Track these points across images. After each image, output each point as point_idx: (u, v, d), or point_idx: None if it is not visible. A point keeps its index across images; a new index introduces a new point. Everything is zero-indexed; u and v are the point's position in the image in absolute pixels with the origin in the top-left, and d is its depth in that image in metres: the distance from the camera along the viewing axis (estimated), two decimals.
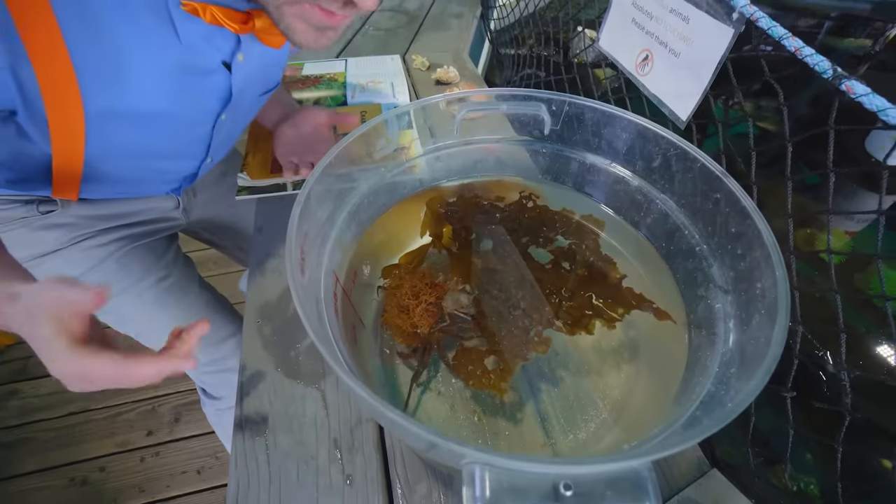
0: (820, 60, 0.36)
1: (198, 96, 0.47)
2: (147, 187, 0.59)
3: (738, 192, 0.30)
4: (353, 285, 0.38)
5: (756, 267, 0.28)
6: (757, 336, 0.25)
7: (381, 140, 0.39)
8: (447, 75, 0.85)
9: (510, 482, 0.20)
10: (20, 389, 1.24)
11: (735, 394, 0.23)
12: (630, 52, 0.62)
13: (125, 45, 0.38)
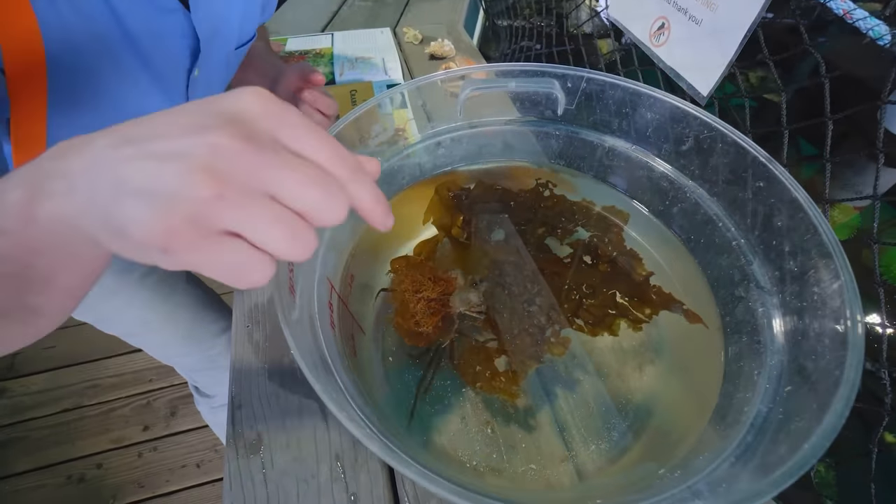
0: (875, 24, 0.32)
1: (162, 45, 0.39)
2: None
3: (788, 181, 0.26)
4: (349, 290, 0.34)
5: (812, 268, 0.24)
6: (817, 350, 0.22)
7: (375, 125, 0.34)
8: (442, 49, 0.79)
9: None
10: (9, 388, 1.20)
11: (800, 420, 0.20)
12: (643, 20, 0.57)
13: None
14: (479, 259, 0.36)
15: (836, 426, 0.17)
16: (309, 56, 0.78)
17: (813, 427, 0.18)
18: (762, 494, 0.16)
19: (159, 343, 0.67)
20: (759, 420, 0.23)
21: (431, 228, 0.38)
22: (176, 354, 0.69)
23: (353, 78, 0.73)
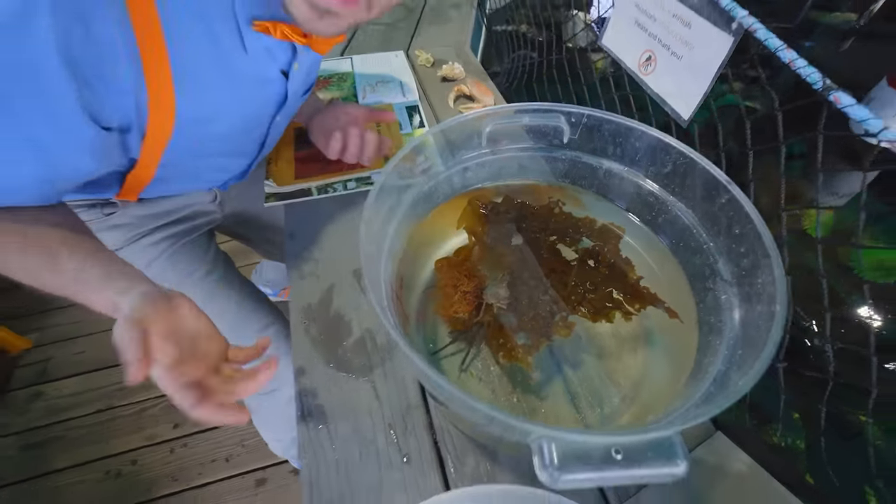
0: (811, 72, 0.41)
1: (260, 102, 0.51)
2: (202, 184, 0.64)
3: (742, 199, 0.35)
4: (401, 290, 0.43)
5: (757, 265, 0.33)
6: (758, 324, 0.31)
7: (419, 157, 0.43)
8: (453, 72, 0.88)
9: (573, 451, 0.25)
10: (43, 391, 1.28)
11: (743, 373, 0.29)
12: (633, 51, 0.66)
13: (208, 62, 0.42)
14: (501, 259, 0.45)
15: (759, 373, 0.26)
16: (333, 80, 0.87)
17: (748, 375, 0.27)
18: (701, 416, 0.25)
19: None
20: (719, 376, 0.32)
21: (463, 234, 0.47)
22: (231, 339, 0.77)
23: (374, 100, 0.82)
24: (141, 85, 0.38)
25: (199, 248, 0.71)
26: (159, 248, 0.66)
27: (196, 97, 0.43)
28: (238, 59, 0.44)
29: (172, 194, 0.64)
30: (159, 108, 0.41)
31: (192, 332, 0.38)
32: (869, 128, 0.38)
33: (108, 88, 0.37)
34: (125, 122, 0.41)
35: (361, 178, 0.69)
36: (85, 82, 0.34)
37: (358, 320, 0.54)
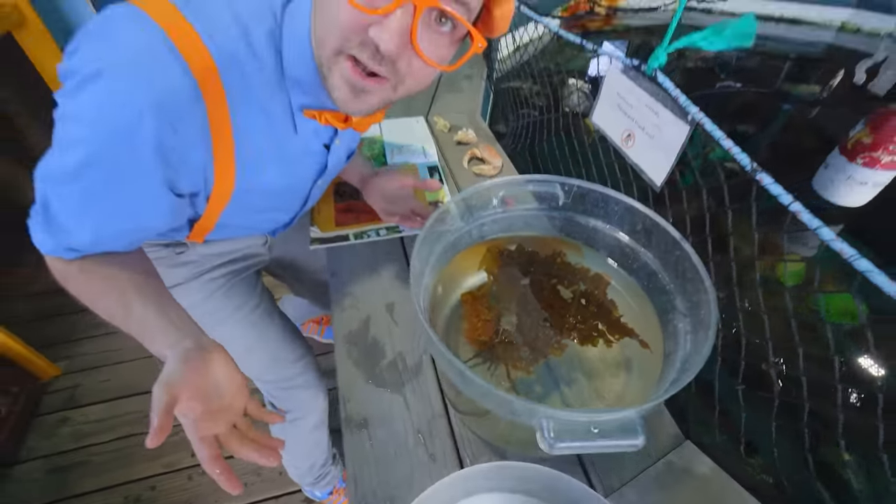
0: (744, 158, 0.56)
1: (304, 171, 0.63)
2: (255, 231, 0.77)
3: (690, 252, 0.49)
4: (433, 314, 0.55)
5: (700, 302, 0.46)
6: (701, 344, 0.43)
7: (448, 216, 0.57)
8: (466, 137, 1.04)
9: (564, 427, 0.37)
10: (70, 417, 1.36)
11: (692, 369, 0.40)
12: (617, 129, 0.82)
13: (266, 143, 0.53)
14: (512, 295, 0.58)
15: (698, 367, 0.38)
16: (365, 142, 1.03)
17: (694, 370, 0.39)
18: (652, 401, 0.37)
19: (252, 364, 0.86)
20: (678, 374, 0.43)
21: (479, 274, 0.60)
22: (262, 374, 0.87)
23: (401, 160, 0.97)
24: (210, 164, 0.47)
25: (249, 284, 0.83)
26: (217, 283, 0.78)
27: (252, 171, 0.52)
28: (289, 139, 0.53)
29: (231, 237, 0.77)
30: (222, 180, 0.51)
31: (220, 386, 0.44)
32: (783, 202, 0.52)
33: (186, 168, 0.46)
34: (195, 190, 0.50)
35: (391, 227, 0.83)
36: (169, 166, 0.43)
37: (391, 345, 0.66)
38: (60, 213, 0.45)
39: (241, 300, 0.79)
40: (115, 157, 0.41)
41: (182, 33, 0.40)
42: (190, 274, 0.75)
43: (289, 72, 0.47)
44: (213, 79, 0.42)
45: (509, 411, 0.40)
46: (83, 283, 0.49)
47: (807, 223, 0.52)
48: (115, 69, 0.38)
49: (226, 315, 0.79)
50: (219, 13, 0.43)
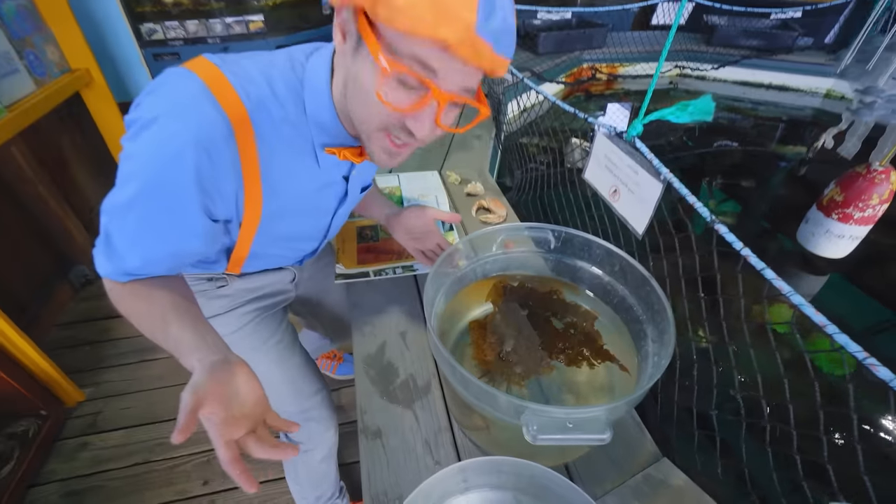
0: (705, 212, 0.68)
1: (327, 201, 0.70)
2: (284, 261, 0.86)
3: (657, 288, 0.59)
4: (442, 338, 0.65)
5: (664, 330, 0.56)
6: (664, 357, 0.53)
7: (458, 254, 0.69)
8: (475, 189, 1.19)
9: (545, 422, 0.46)
10: (90, 442, 1.44)
11: (656, 378, 0.50)
12: (605, 185, 0.96)
13: (290, 175, 0.59)
14: (513, 323, 0.68)
15: (659, 373, 0.48)
16: (385, 192, 1.18)
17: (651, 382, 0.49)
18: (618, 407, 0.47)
19: (273, 394, 0.93)
20: (649, 383, 0.53)
21: (482, 305, 0.71)
22: (282, 405, 0.93)
23: None
24: (241, 192, 0.55)
25: (276, 320, 0.94)
26: (248, 316, 0.88)
27: (278, 198, 0.60)
28: (313, 172, 0.62)
29: (264, 269, 0.89)
30: (251, 207, 0.58)
31: (241, 396, 0.47)
32: (734, 247, 0.63)
33: (220, 196, 0.53)
34: (228, 216, 0.58)
35: (406, 266, 0.96)
36: (206, 194, 0.51)
37: (404, 367, 0.76)
38: (118, 240, 0.54)
39: (269, 333, 0.89)
40: (161, 186, 0.49)
41: (219, 85, 0.49)
42: (226, 306, 0.85)
43: (311, 117, 0.56)
44: (243, 121, 0.51)
45: (501, 409, 0.49)
46: (132, 303, 0.57)
47: (754, 265, 0.63)
48: (166, 115, 0.48)
49: (254, 346, 0.88)
50: (249, 69, 0.53)
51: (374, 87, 0.46)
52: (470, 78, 0.47)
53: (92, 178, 2.15)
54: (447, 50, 0.42)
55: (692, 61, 2.75)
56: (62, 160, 1.98)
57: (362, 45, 0.46)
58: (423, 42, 0.42)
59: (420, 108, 0.47)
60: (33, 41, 1.63)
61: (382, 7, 0.41)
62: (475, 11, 0.41)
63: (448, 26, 0.41)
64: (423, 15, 0.40)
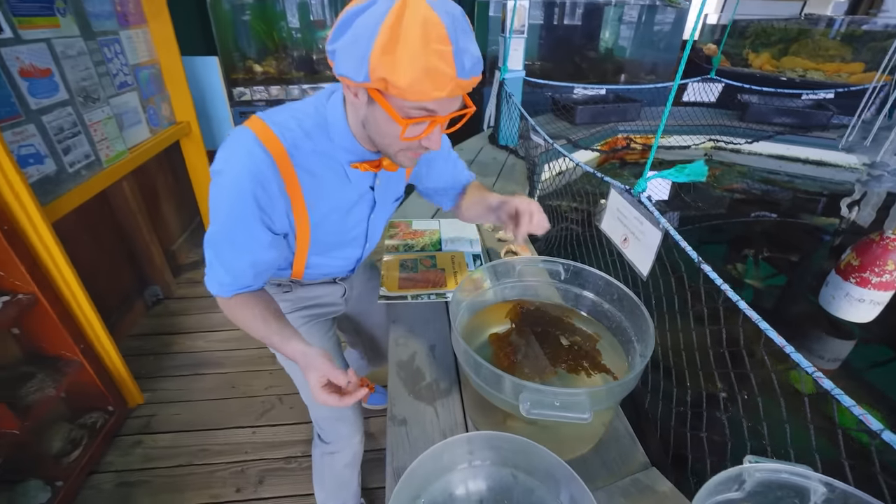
0: (693, 253, 0.81)
1: (358, 208, 0.86)
2: (336, 269, 1.03)
3: (645, 311, 0.72)
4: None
5: (648, 342, 0.68)
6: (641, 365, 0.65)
7: (483, 278, 0.85)
8: (506, 236, 1.36)
9: (536, 399, 0.59)
10: (144, 440, 1.61)
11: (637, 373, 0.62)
12: (617, 234, 1.11)
13: (326, 189, 0.77)
14: (525, 336, 0.81)
15: (641, 369, 0.60)
16: (426, 233, 1.38)
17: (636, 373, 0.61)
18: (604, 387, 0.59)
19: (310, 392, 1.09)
20: (629, 377, 0.64)
21: (497, 323, 0.85)
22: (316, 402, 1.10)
23: (452, 249, 1.30)
24: (289, 208, 0.74)
25: (325, 326, 1.12)
26: (303, 320, 1.07)
27: (320, 209, 0.78)
28: (345, 186, 0.79)
29: (321, 278, 1.07)
30: (300, 219, 0.77)
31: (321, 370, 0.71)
32: (715, 283, 0.75)
33: (275, 214, 0.72)
34: (285, 230, 0.77)
35: (439, 294, 1.12)
36: (264, 212, 0.70)
37: (430, 373, 0.90)
38: (215, 262, 0.75)
39: (318, 337, 1.07)
40: (233, 212, 0.69)
41: (265, 135, 0.69)
42: (286, 309, 1.04)
43: (337, 142, 0.74)
44: (283, 155, 0.70)
45: (506, 391, 0.63)
46: (238, 311, 0.77)
47: (734, 301, 0.74)
48: (230, 161, 0.68)
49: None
50: (286, 120, 0.72)
51: (393, 130, 0.65)
52: (457, 102, 0.65)
53: (175, 214, 2.52)
54: (442, 98, 0.60)
55: (726, 135, 2.91)
56: (156, 196, 2.36)
57: (374, 103, 0.64)
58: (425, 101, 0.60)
59: (429, 132, 0.67)
60: (155, 100, 2.05)
61: (393, 88, 0.58)
62: (454, 65, 0.57)
63: (441, 88, 0.58)
64: (423, 88, 0.57)
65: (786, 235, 2.57)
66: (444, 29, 0.56)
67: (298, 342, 0.75)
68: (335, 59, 0.62)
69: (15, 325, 1.39)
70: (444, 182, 1.03)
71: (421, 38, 0.55)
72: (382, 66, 0.56)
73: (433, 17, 0.56)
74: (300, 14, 2.92)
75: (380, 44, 0.56)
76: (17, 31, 1.30)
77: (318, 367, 0.70)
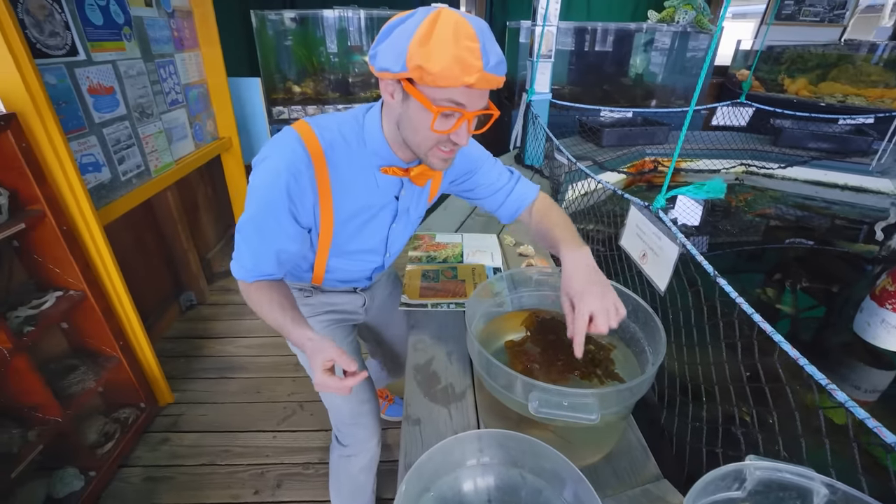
0: (709, 267, 0.83)
1: (382, 214, 0.90)
2: (356, 274, 1.07)
3: (657, 321, 0.74)
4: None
5: (658, 351, 0.70)
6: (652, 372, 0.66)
7: (497, 286, 0.88)
8: (527, 250, 1.39)
9: (545, 399, 0.61)
10: (170, 438, 1.69)
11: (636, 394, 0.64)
12: (636, 250, 1.12)
13: (353, 189, 0.82)
14: (540, 344, 0.84)
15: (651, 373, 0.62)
16: (449, 246, 1.42)
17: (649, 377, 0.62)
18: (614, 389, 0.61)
19: (329, 394, 1.13)
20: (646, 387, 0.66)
21: (512, 331, 0.88)
22: (335, 405, 1.11)
23: (474, 261, 1.34)
24: (317, 203, 0.79)
25: (345, 331, 1.16)
26: (323, 324, 1.11)
27: (345, 208, 0.82)
28: (373, 190, 0.84)
29: (341, 285, 1.12)
30: (325, 216, 0.81)
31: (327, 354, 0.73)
32: (731, 296, 0.77)
33: (303, 206, 0.77)
34: (309, 225, 0.81)
35: (458, 303, 1.16)
36: (293, 202, 0.75)
37: (445, 377, 0.93)
38: (242, 246, 0.81)
39: (337, 340, 1.11)
40: (266, 199, 0.75)
41: (307, 134, 0.76)
42: (308, 313, 1.09)
43: (370, 147, 0.81)
44: (319, 154, 0.76)
45: (516, 391, 0.65)
46: (256, 296, 0.82)
47: (746, 311, 0.75)
48: (271, 154, 0.74)
49: None
50: (329, 123, 0.79)
51: (425, 121, 0.71)
52: (484, 98, 0.71)
53: (212, 224, 2.67)
54: (470, 87, 0.66)
55: (758, 160, 2.86)
56: (196, 206, 2.51)
57: (409, 97, 0.70)
58: (455, 89, 0.66)
59: (458, 126, 0.72)
60: (201, 116, 2.22)
61: (426, 76, 0.64)
62: (481, 59, 0.64)
63: (469, 75, 0.64)
64: (454, 73, 0.63)
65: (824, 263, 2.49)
66: (473, 30, 0.65)
67: (311, 330, 0.78)
68: (376, 60, 0.69)
69: (64, 320, 1.51)
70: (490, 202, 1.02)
71: (452, 34, 0.63)
72: (418, 55, 0.64)
73: (463, 21, 0.65)
74: (339, 40, 3.11)
75: (416, 39, 0.64)
76: (90, 54, 1.46)
77: (326, 349, 0.73)
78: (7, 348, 1.17)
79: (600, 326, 0.71)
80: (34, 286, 1.42)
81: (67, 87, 1.38)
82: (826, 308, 2.28)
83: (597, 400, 0.61)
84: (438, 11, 0.66)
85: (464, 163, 0.97)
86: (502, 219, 1.04)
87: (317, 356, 0.73)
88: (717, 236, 2.75)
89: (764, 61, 3.88)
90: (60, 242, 1.32)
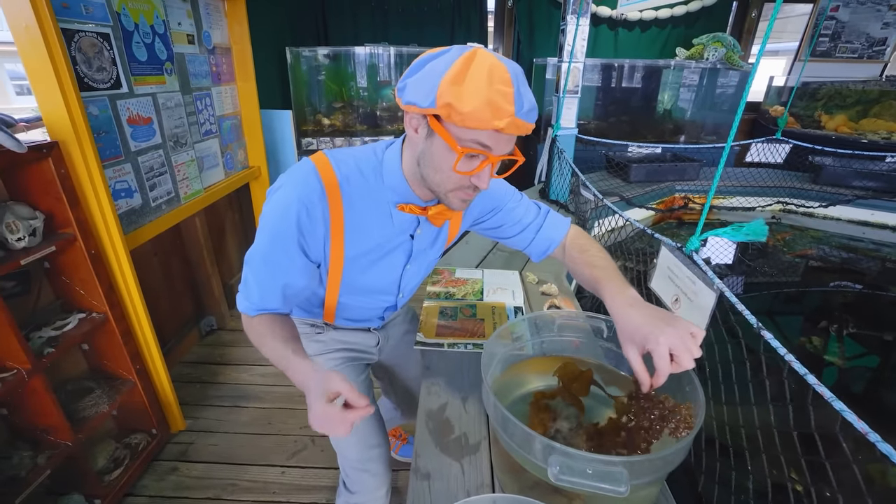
0: (752, 318, 0.75)
1: (396, 254, 0.87)
2: (368, 313, 1.04)
3: (695, 378, 0.67)
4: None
5: (699, 416, 0.62)
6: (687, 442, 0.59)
7: (519, 328, 0.83)
8: (550, 289, 1.33)
9: (567, 466, 0.55)
10: (179, 468, 1.65)
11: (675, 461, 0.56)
12: (668, 294, 1.05)
13: (367, 226, 0.79)
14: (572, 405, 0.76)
15: (689, 441, 0.55)
16: (469, 282, 1.38)
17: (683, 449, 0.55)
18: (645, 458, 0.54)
19: (337, 437, 1.07)
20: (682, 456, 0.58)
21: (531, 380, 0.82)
22: (344, 449, 1.06)
23: (494, 299, 1.28)
24: (328, 237, 0.76)
25: (357, 370, 1.11)
26: (335, 362, 1.07)
27: (357, 245, 0.80)
28: (388, 227, 0.81)
29: (353, 324, 1.08)
30: (336, 251, 0.79)
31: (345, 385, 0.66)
32: (779, 352, 0.69)
33: (313, 239, 0.75)
34: (319, 259, 0.79)
35: (476, 344, 1.10)
36: (303, 235, 0.73)
37: (459, 426, 0.87)
38: (250, 278, 0.78)
39: (350, 378, 1.06)
40: (276, 230, 0.73)
41: (324, 166, 0.74)
42: (319, 350, 1.06)
43: (388, 183, 0.79)
44: (335, 187, 0.74)
45: (535, 452, 0.59)
46: (258, 331, 0.78)
47: (798, 370, 0.67)
48: (285, 184, 0.73)
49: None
50: (346, 157, 0.78)
51: (447, 160, 0.68)
52: (511, 143, 0.69)
53: (237, 251, 2.72)
54: (499, 132, 0.64)
55: (797, 198, 2.73)
56: (222, 232, 2.57)
57: (433, 134, 0.68)
58: (483, 131, 0.64)
59: (481, 169, 0.69)
60: (233, 146, 2.29)
61: (455, 114, 0.62)
62: (513, 104, 0.62)
63: (499, 119, 0.62)
64: (484, 116, 0.62)
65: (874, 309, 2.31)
66: (508, 74, 0.63)
67: (313, 363, 0.72)
68: (404, 92, 0.68)
69: (85, 341, 1.52)
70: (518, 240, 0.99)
71: (487, 76, 0.62)
72: (449, 93, 0.62)
73: (499, 64, 0.63)
74: (368, 75, 3.21)
75: (449, 76, 0.62)
76: (132, 87, 1.53)
77: (332, 380, 0.66)
78: (26, 369, 1.18)
79: (684, 362, 0.62)
80: (60, 307, 1.45)
81: (108, 118, 1.44)
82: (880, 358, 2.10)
83: (626, 469, 0.54)
84: (474, 51, 0.64)
85: (486, 201, 0.93)
86: (533, 257, 1.01)
87: (320, 387, 0.65)
88: (753, 276, 2.61)
89: (799, 97, 3.78)
90: (87, 265, 1.35)
